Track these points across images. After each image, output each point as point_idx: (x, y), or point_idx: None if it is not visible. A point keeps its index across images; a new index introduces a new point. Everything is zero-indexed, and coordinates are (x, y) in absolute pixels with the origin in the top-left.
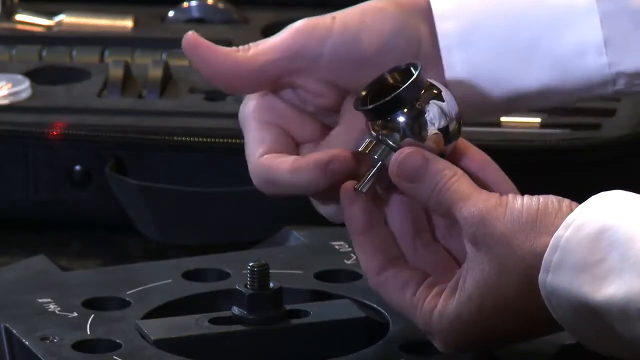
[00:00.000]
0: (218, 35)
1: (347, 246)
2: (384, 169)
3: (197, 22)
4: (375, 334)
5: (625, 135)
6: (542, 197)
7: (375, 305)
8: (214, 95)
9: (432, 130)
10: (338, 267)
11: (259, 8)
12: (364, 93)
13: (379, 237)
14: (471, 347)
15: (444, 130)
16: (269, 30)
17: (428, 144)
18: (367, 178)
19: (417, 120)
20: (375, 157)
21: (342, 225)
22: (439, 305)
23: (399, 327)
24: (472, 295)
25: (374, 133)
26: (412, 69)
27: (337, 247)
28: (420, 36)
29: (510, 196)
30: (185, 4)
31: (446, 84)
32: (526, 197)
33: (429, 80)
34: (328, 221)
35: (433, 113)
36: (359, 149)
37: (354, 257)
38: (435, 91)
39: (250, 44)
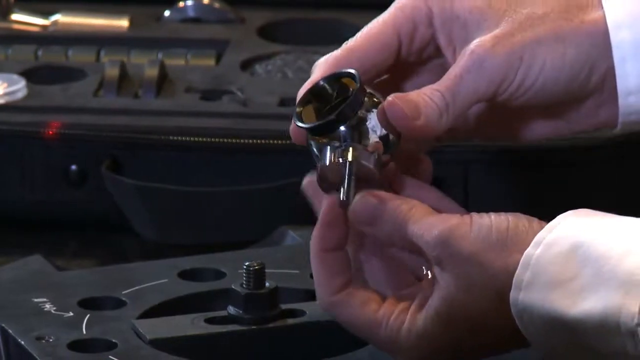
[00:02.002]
0: (214, 35)
1: None
2: (354, 164)
3: (193, 22)
4: None
5: (624, 135)
6: (511, 216)
7: None
8: (209, 95)
9: (373, 138)
10: None
11: (255, 7)
12: (298, 110)
13: (344, 258)
14: None
15: (384, 138)
16: (265, 30)
17: (370, 151)
18: (348, 187)
19: (358, 129)
20: (341, 160)
21: None
22: (406, 321)
23: None
24: (440, 311)
25: (330, 145)
26: (350, 78)
27: None
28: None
29: (475, 215)
30: (181, 4)
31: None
32: (494, 216)
33: (367, 89)
34: None
35: (375, 121)
36: (327, 164)
37: None
38: (375, 99)
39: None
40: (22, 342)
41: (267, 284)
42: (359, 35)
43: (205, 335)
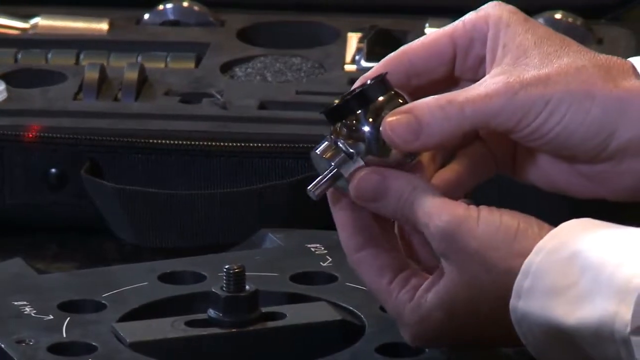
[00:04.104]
0: (194, 38)
1: (323, 249)
2: (338, 176)
3: (173, 25)
4: (351, 336)
5: None
6: (522, 219)
7: (351, 308)
8: (189, 97)
9: None
10: (314, 270)
11: (235, 10)
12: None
13: (360, 216)
14: (439, 344)
15: None
16: (245, 33)
17: (392, 155)
18: (321, 183)
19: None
20: (332, 163)
21: (318, 227)
22: (414, 300)
23: (375, 330)
24: (444, 301)
25: (333, 137)
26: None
27: (313, 249)
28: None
29: (484, 209)
30: (161, 7)
31: None
32: (505, 215)
33: (395, 90)
34: (304, 223)
35: None
36: (317, 151)
37: (330, 259)
38: (400, 100)
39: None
40: (2, 345)
41: (247, 287)
42: (417, 40)
43: (186, 338)
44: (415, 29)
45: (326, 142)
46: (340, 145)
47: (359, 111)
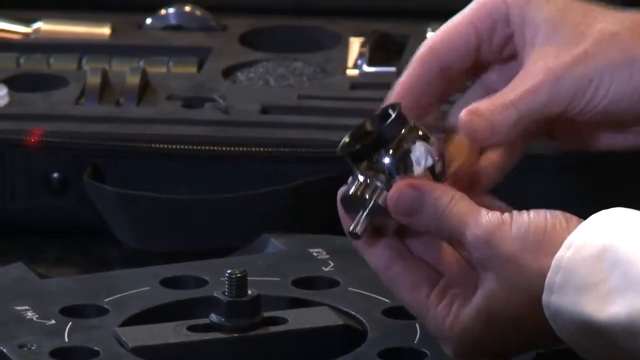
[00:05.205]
0: (196, 43)
1: (324, 253)
2: (376, 208)
3: (175, 30)
4: (353, 341)
5: None
6: (549, 215)
7: (353, 313)
8: (191, 102)
9: (417, 170)
10: (316, 275)
11: (237, 15)
12: (347, 140)
13: (386, 241)
14: (482, 355)
15: (430, 170)
16: (247, 37)
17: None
18: (362, 220)
19: (403, 161)
20: (367, 197)
21: (320, 232)
22: (451, 315)
23: (377, 334)
24: (481, 310)
25: (361, 175)
26: (390, 111)
27: (315, 254)
28: None
29: (515, 213)
30: (163, 11)
31: None
32: (533, 214)
33: (411, 121)
34: (306, 228)
35: (419, 152)
36: (350, 193)
37: (332, 264)
38: (420, 132)
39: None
40: (4, 350)
41: (249, 292)
42: (437, 32)
43: (188, 343)
44: (417, 33)
45: (357, 182)
46: (373, 179)
47: (382, 150)
